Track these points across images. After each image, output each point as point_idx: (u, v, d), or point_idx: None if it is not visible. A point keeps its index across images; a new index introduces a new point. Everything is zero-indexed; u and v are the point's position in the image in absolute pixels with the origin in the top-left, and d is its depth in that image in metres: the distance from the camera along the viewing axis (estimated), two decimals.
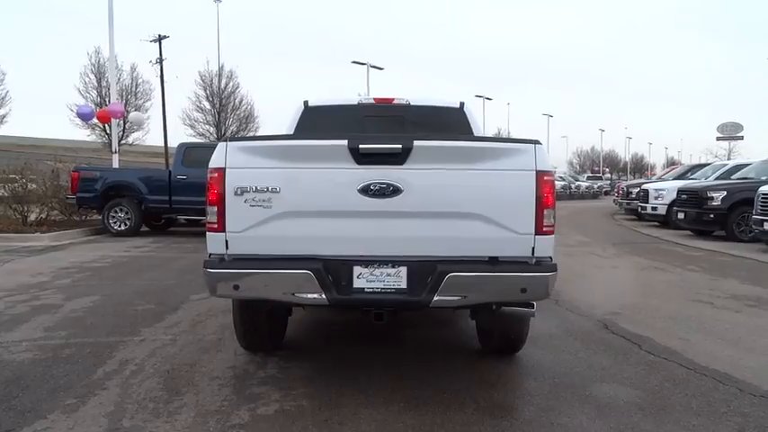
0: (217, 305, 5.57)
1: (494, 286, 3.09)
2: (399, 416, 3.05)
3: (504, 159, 3.10)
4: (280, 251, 3.10)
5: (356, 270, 3.10)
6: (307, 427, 2.89)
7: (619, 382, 3.62)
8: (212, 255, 3.17)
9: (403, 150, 3.01)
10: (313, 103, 4.93)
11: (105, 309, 5.42)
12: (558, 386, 3.54)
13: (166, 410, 3.08)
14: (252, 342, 3.98)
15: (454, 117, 4.93)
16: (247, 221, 3.07)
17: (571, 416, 3.09)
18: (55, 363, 3.84)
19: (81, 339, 4.39)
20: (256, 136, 4.26)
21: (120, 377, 3.59)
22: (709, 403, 3.27)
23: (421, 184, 3.04)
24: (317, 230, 3.09)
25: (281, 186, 3.04)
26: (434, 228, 3.10)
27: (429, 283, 3.05)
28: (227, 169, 3.07)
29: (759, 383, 3.58)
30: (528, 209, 3.08)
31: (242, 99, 36.71)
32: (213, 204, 3.11)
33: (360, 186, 3.03)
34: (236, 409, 3.12)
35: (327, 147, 3.09)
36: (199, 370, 3.74)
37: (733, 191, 11.89)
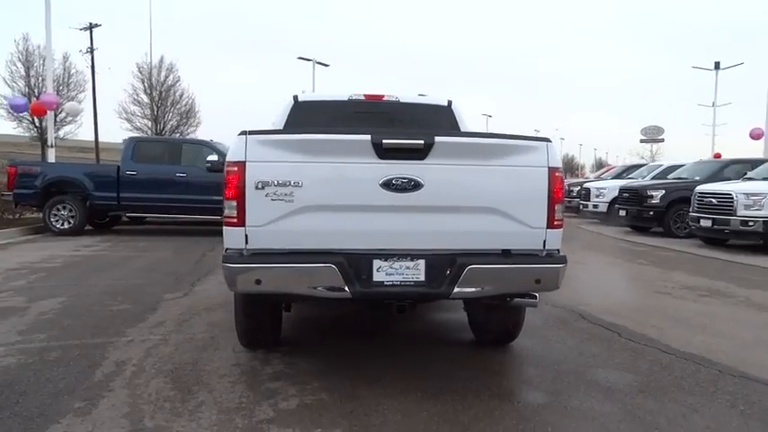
0: (197, 303, 5.47)
1: (510, 278, 3.22)
2: (420, 405, 3.12)
3: (519, 156, 3.22)
4: (301, 245, 3.10)
5: (376, 263, 3.15)
6: (335, 420, 2.91)
7: (612, 367, 3.83)
8: (230, 249, 3.13)
9: (425, 146, 3.08)
10: (303, 99, 4.92)
11: (77, 310, 5.19)
12: (559, 373, 3.71)
13: (186, 409, 3.02)
14: (254, 339, 3.94)
15: (443, 115, 5.04)
16: (269, 216, 3.06)
17: (581, 399, 3.25)
18: (45, 366, 3.67)
19: (64, 342, 4.20)
20: (277, 129, 4.15)
21: (123, 378, 3.48)
22: (698, 384, 3.53)
23: (440, 179, 3.12)
24: (339, 225, 3.11)
25: (304, 180, 3.05)
26: (452, 222, 3.19)
27: (448, 276, 3.13)
28: (247, 163, 3.04)
29: (734, 365, 3.87)
30: (541, 204, 3.22)
31: (182, 93, 35.62)
32: (232, 198, 3.07)
33: (382, 181, 3.08)
34: (256, 405, 3.09)
35: (350, 141, 3.11)
36: (203, 368, 3.67)
37: (670, 190, 12.66)
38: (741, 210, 10.28)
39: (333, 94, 5.05)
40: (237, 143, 3.10)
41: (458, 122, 5.00)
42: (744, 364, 3.90)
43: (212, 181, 11.55)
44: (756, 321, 5.26)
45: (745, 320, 5.27)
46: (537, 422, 2.92)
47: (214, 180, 11.50)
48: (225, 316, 5.01)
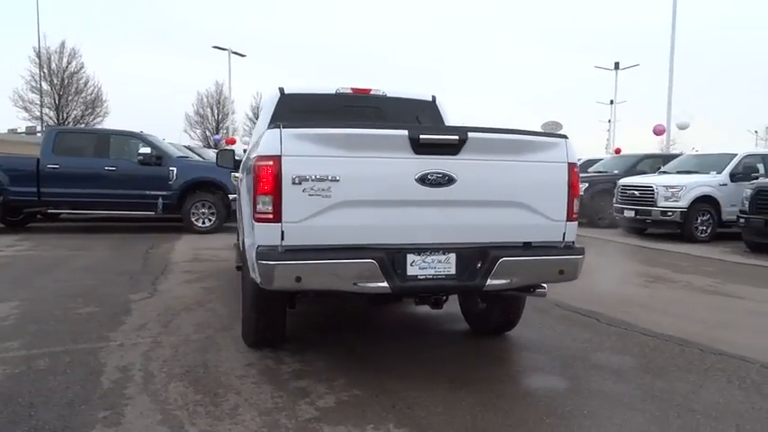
0: (171, 304, 5.24)
1: (538, 269, 3.35)
2: (454, 395, 3.18)
3: (542, 152, 3.36)
4: (338, 241, 3.07)
5: (409, 258, 3.17)
6: (381, 415, 2.92)
7: (609, 351, 4.08)
8: (262, 246, 3.04)
9: (459, 141, 3.14)
10: (289, 91, 4.81)
11: (39, 314, 4.80)
12: (564, 358, 3.90)
13: (223, 413, 2.91)
14: (263, 338, 3.84)
15: (428, 110, 5.11)
16: (305, 211, 3.00)
17: (598, 382, 3.45)
18: (39, 376, 3.39)
19: (46, 349, 3.88)
20: (312, 123, 3.98)
21: (135, 384, 3.28)
22: (690, 363, 3.84)
23: (472, 173, 3.19)
24: (375, 220, 3.11)
25: (341, 175, 3.01)
26: (481, 216, 3.27)
27: (481, 269, 3.22)
28: (283, 157, 2.96)
29: (708, 344, 4.24)
30: (561, 197, 3.37)
31: (87, 81, 33.31)
32: (267, 194, 2.98)
33: (418, 176, 3.10)
34: (293, 404, 3.03)
35: (388, 136, 3.11)
36: (216, 370, 3.54)
37: (593, 182, 13.48)
38: (661, 201, 11.16)
39: (319, 87, 4.97)
40: (271, 136, 3.01)
41: (442, 117, 5.08)
42: (716, 342, 4.28)
43: (145, 175, 11.05)
44: (706, 304, 5.76)
45: (696, 303, 5.76)
46: (572, 405, 3.08)
47: (147, 174, 11.03)
48: (209, 315, 4.85)
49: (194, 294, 5.67)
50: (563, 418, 2.91)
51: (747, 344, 4.25)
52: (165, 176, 11.13)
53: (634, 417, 2.95)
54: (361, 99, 4.94)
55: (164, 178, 11.12)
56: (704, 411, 3.03)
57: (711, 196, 11.19)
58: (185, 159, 12.16)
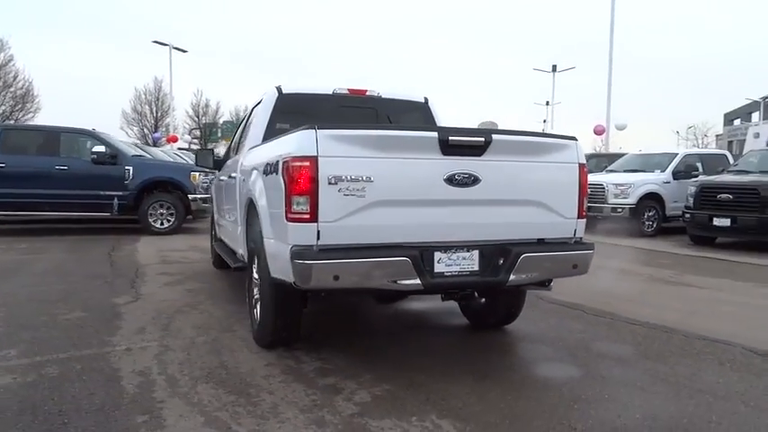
0: (161, 307, 5.14)
1: (555, 264, 3.53)
2: (482, 385, 3.32)
3: (556, 153, 3.54)
4: (371, 240, 3.14)
5: (436, 255, 3.28)
6: (420, 407, 3.00)
7: (605, 340, 4.33)
8: (297, 246, 3.07)
9: (484, 143, 3.27)
10: (287, 91, 4.81)
11: (23, 320, 4.60)
12: (567, 348, 4.11)
13: (264, 411, 2.92)
14: (279, 338, 3.85)
15: (421, 111, 5.21)
16: (340, 211, 3.05)
17: (608, 369, 3.67)
18: (55, 383, 3.28)
19: (49, 356, 3.75)
20: (347, 125, 3.91)
21: (161, 388, 3.23)
22: (682, 348, 4.13)
23: (494, 174, 3.33)
24: (406, 219, 3.20)
25: (374, 175, 3.08)
26: (502, 214, 3.42)
27: (504, 265, 3.36)
28: (319, 158, 3.00)
29: (690, 330, 4.55)
30: (573, 196, 3.57)
31: (17, 75, 31.47)
32: (303, 194, 3.02)
33: (446, 176, 3.21)
34: (330, 401, 3.07)
35: (418, 137, 3.20)
36: (237, 371, 3.52)
37: None
38: (611, 198, 11.75)
39: (316, 87, 4.99)
40: (305, 137, 3.04)
41: (434, 118, 5.21)
42: (695, 329, 4.60)
43: (99, 174, 10.65)
44: (673, 294, 6.15)
45: (665, 294, 6.15)
46: (592, 391, 3.27)
47: (101, 173, 10.63)
48: (205, 318, 4.80)
49: (181, 297, 5.56)
50: (589, 403, 3.10)
51: (721, 329, 4.60)
52: (120, 176, 10.77)
53: (651, 399, 3.17)
54: (358, 100, 5.00)
55: (119, 178, 10.76)
56: (710, 392, 3.29)
57: (657, 193, 11.88)
58: (141, 158, 11.79)
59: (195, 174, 11.36)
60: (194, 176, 11.31)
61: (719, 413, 3.00)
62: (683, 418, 2.92)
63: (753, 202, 9.45)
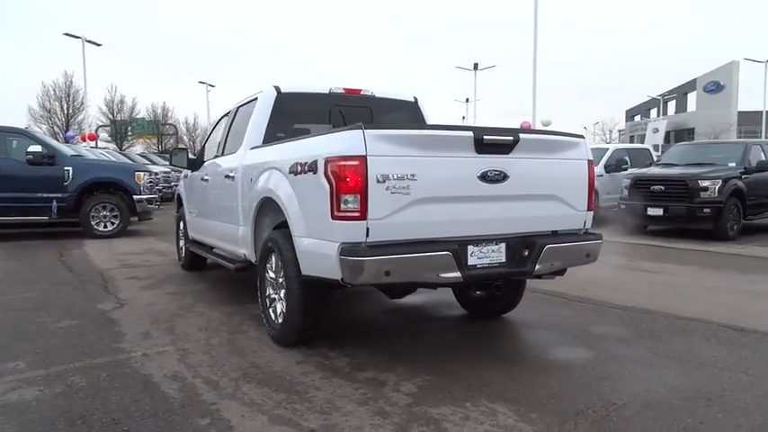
0: (153, 312, 5.04)
1: (573, 254, 3.79)
2: (509, 370, 3.52)
3: (570, 150, 3.80)
4: (414, 235, 3.26)
5: (470, 249, 3.45)
6: (466, 394, 3.16)
7: (598, 323, 4.66)
8: (346, 243, 3.14)
9: (513, 141, 3.47)
10: (285, 90, 4.80)
11: (12, 332, 4.36)
12: (569, 332, 4.40)
13: (322, 406, 2.98)
14: (306, 336, 3.89)
15: (412, 110, 5.37)
16: (388, 208, 3.15)
17: (614, 349, 3.97)
18: (89, 393, 3.17)
19: (63, 366, 3.60)
20: (392, 124, 3.92)
21: (206, 390, 3.20)
22: (668, 327, 4.53)
23: (521, 170, 3.54)
24: (444, 215, 3.34)
25: (417, 173, 3.21)
26: (525, 208, 3.64)
27: (529, 256, 3.58)
28: (368, 157, 3.09)
29: (668, 312, 4.97)
30: (584, 190, 3.85)
31: None
32: (353, 192, 3.09)
33: (479, 173, 3.39)
34: (381, 393, 3.16)
35: (456, 137, 3.35)
36: (272, 370, 3.53)
37: None
38: None
39: (311, 86, 5.01)
40: (353, 137, 3.12)
41: (423, 117, 5.38)
42: (669, 309, 5.03)
43: (36, 176, 10.04)
44: (636, 279, 6.65)
45: (629, 279, 6.63)
46: (612, 369, 3.55)
47: (38, 174, 10.01)
48: (205, 320, 4.74)
49: (167, 301, 5.42)
50: (614, 380, 3.37)
51: (690, 309, 5.07)
52: (59, 177, 10.20)
53: (664, 373, 3.49)
54: (353, 99, 5.07)
55: (58, 179, 10.19)
56: (711, 364, 3.66)
57: None
58: (81, 158, 11.20)
59: (140, 174, 10.95)
60: (139, 176, 10.89)
61: (727, 382, 3.35)
62: (700, 389, 3.25)
63: (682, 193, 10.31)
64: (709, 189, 10.09)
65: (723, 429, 2.75)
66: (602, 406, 3.00)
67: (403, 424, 2.79)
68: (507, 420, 2.83)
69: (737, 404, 3.04)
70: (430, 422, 2.81)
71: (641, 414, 2.91)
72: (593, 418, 2.85)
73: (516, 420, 2.83)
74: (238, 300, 5.37)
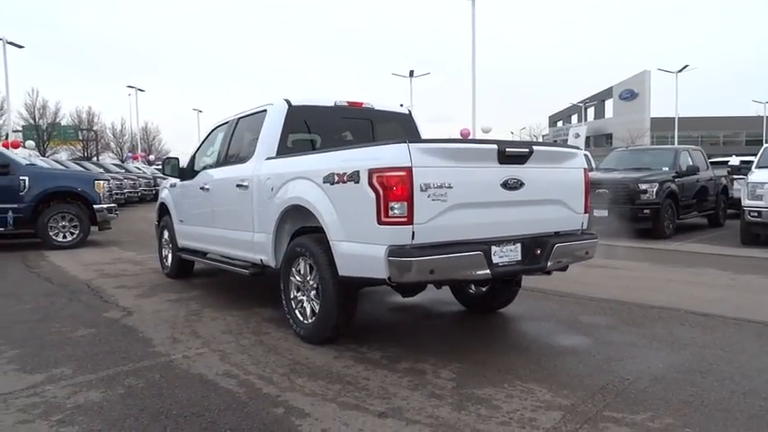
0: (167, 317, 5.16)
1: (576, 251, 4.28)
2: (527, 356, 3.97)
3: (571, 160, 4.31)
4: (450, 238, 3.64)
5: (493, 249, 3.87)
6: (502, 377, 3.56)
7: (585, 314, 5.20)
8: (393, 245, 3.48)
9: (528, 153, 3.92)
10: (296, 103, 5.07)
11: (33, 341, 4.40)
12: (563, 322, 4.91)
13: (380, 393, 3.29)
14: (338, 332, 4.18)
15: (406, 122, 5.75)
16: (429, 214, 3.52)
17: (608, 335, 4.50)
18: (154, 392, 3.35)
19: (110, 370, 3.74)
20: (429, 138, 4.16)
21: (264, 386, 3.44)
22: (644, 316, 5.13)
23: (534, 178, 4.00)
24: (474, 218, 3.74)
25: (452, 182, 3.60)
26: (537, 211, 4.10)
27: (542, 254, 4.04)
28: (413, 168, 3.45)
29: (640, 302, 5.60)
30: (582, 195, 4.37)
31: None
32: (400, 200, 3.44)
33: (501, 181, 3.82)
34: (426, 381, 3.51)
35: (484, 149, 3.76)
36: (316, 365, 3.80)
37: None
38: None
39: (318, 98, 5.30)
40: (398, 150, 3.47)
41: (417, 128, 5.78)
42: (639, 300, 5.68)
43: None
44: (599, 274, 7.29)
45: (594, 275, 7.23)
46: (614, 352, 4.07)
47: None
48: (223, 324, 4.95)
49: (172, 308, 5.54)
50: (619, 361, 3.88)
51: (657, 299, 5.73)
52: (14, 187, 9.90)
53: (658, 354, 4.04)
54: (356, 111, 5.40)
55: (13, 189, 9.89)
56: (693, 344, 4.25)
57: None
58: (37, 167, 10.86)
59: (100, 182, 10.76)
60: (99, 185, 10.70)
61: (711, 358, 3.94)
62: (692, 364, 3.81)
63: (624, 196, 11.21)
64: (648, 192, 11.04)
65: (722, 394, 3.29)
66: (618, 381, 3.49)
67: (457, 404, 3.16)
68: (545, 396, 3.26)
69: (726, 375, 3.61)
70: (481, 401, 3.20)
71: (653, 386, 3.41)
72: (616, 392, 3.33)
73: (553, 396, 3.27)
74: (242, 304, 5.57)
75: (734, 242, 10.43)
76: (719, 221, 13.43)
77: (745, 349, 4.14)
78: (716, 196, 13.27)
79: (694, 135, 57.12)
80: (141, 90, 40.51)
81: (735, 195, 13.63)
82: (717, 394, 3.29)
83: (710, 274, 7.35)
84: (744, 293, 6.12)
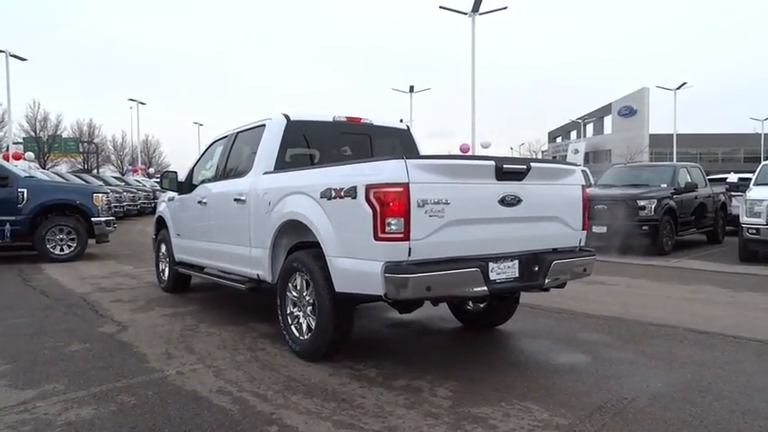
0: (162, 333, 5.12)
1: (574, 268, 4.26)
2: (527, 373, 3.93)
3: (568, 177, 4.30)
4: (447, 254, 3.62)
5: (491, 265, 3.85)
6: (496, 395, 3.52)
7: (583, 331, 5.17)
8: (390, 262, 3.46)
9: (526, 169, 3.92)
10: (294, 118, 5.07)
11: (26, 356, 4.36)
12: (560, 340, 4.88)
13: (375, 411, 3.26)
14: (335, 349, 4.14)
15: (405, 137, 5.76)
16: (426, 230, 3.51)
17: (606, 352, 4.47)
18: (147, 410, 3.31)
19: (103, 386, 3.69)
20: (427, 155, 4.17)
21: (258, 403, 3.41)
22: (644, 333, 5.09)
23: (531, 195, 3.99)
24: (472, 235, 3.73)
25: (450, 198, 3.59)
26: (534, 228, 4.08)
27: (540, 271, 4.02)
28: (410, 184, 3.44)
29: (638, 319, 5.58)
30: (580, 212, 4.35)
31: None
32: (397, 216, 3.43)
33: (499, 198, 3.81)
34: (422, 400, 3.47)
35: (481, 166, 3.75)
36: (311, 382, 3.77)
37: None
38: None
39: (317, 113, 5.31)
40: (396, 166, 3.46)
41: (415, 144, 5.79)
42: (636, 316, 5.65)
43: None
44: (599, 291, 7.27)
45: (592, 291, 7.22)
46: (613, 370, 4.03)
47: None
48: (218, 340, 4.91)
49: (167, 323, 5.51)
50: (618, 379, 3.84)
51: (655, 315, 5.70)
52: (12, 199, 9.89)
53: (657, 372, 4.00)
54: (355, 126, 5.41)
55: (11, 201, 9.88)
56: (692, 362, 4.22)
57: None
58: (36, 180, 10.86)
59: (99, 195, 10.75)
60: (98, 198, 10.68)
61: (710, 377, 3.90)
62: (691, 383, 3.77)
63: (622, 212, 11.21)
64: (647, 208, 11.04)
65: (721, 414, 3.25)
66: (616, 401, 3.45)
67: (454, 423, 3.12)
68: (543, 415, 3.22)
69: (725, 394, 3.57)
70: (477, 420, 3.16)
71: (651, 405, 3.38)
72: (614, 411, 3.29)
73: (550, 415, 3.23)
74: (238, 320, 5.53)
75: (732, 259, 10.41)
76: (718, 238, 13.42)
77: (745, 368, 4.10)
78: (714, 213, 13.27)
79: (693, 152, 57.38)
80: (143, 103, 40.73)
81: (733, 212, 13.63)
82: (716, 414, 3.26)
83: (709, 292, 7.32)
84: (743, 311, 6.09)
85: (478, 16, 23.35)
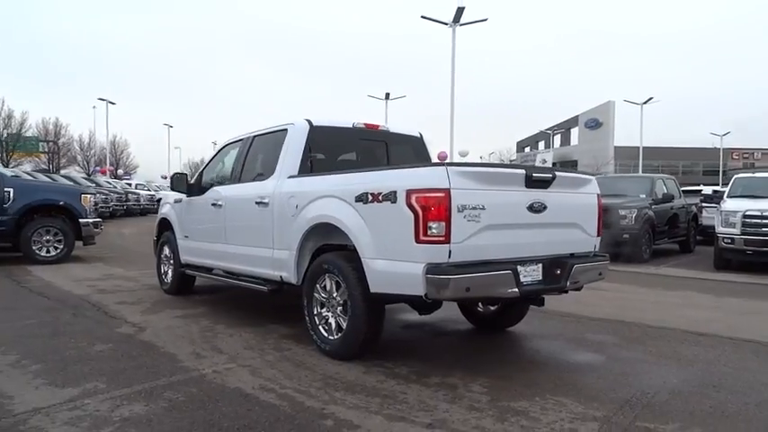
0: (181, 333, 5.17)
1: (591, 272, 4.50)
2: (549, 371, 4.14)
3: (586, 186, 4.56)
4: (482, 257, 3.81)
5: (519, 268, 4.05)
6: (531, 390, 3.72)
7: (590, 332, 5.43)
8: (431, 263, 3.63)
9: (551, 178, 4.15)
10: (317, 123, 5.20)
11: (53, 356, 4.37)
12: (571, 340, 5.12)
13: (420, 405, 3.41)
14: (367, 348, 4.28)
15: (418, 144, 5.95)
16: (465, 233, 3.70)
17: (617, 352, 4.72)
18: (197, 406, 3.39)
19: (145, 385, 3.75)
20: (465, 162, 4.31)
21: (305, 399, 3.52)
22: (646, 334, 5.38)
23: (554, 202, 4.21)
24: (504, 239, 3.93)
25: (485, 204, 3.78)
26: (556, 234, 4.31)
27: (561, 274, 4.25)
28: (452, 190, 3.63)
29: (637, 321, 5.87)
30: (596, 218, 4.61)
31: None
32: (438, 220, 3.61)
33: (528, 204, 4.03)
34: (460, 396, 3.64)
35: (514, 174, 3.97)
36: (347, 380, 3.89)
37: None
38: None
39: (337, 120, 5.45)
40: (437, 172, 3.65)
41: (427, 150, 5.98)
42: (637, 319, 5.95)
43: None
44: (595, 295, 7.46)
45: (589, 295, 7.41)
46: (628, 368, 4.27)
47: None
48: (240, 340, 4.99)
49: (183, 324, 5.55)
50: (636, 376, 4.09)
51: (653, 318, 6.00)
52: None
53: (669, 369, 4.26)
54: (373, 133, 5.57)
55: None
56: (698, 361, 4.50)
57: None
58: (22, 180, 10.66)
59: (87, 196, 10.63)
60: (86, 199, 10.56)
61: (719, 374, 4.18)
62: (703, 379, 4.04)
63: (605, 221, 11.59)
64: (627, 217, 11.47)
65: (737, 406, 3.52)
66: (640, 395, 3.69)
67: (498, 416, 3.31)
68: (578, 408, 3.43)
69: (736, 389, 3.85)
70: (519, 413, 3.35)
71: (673, 399, 3.63)
72: (642, 404, 3.52)
73: (585, 408, 3.44)
74: (254, 321, 5.61)
75: (707, 266, 10.91)
76: (690, 247, 14.00)
77: (748, 366, 4.40)
78: (687, 223, 13.84)
79: (655, 164, 59.08)
80: (112, 103, 39.92)
81: (704, 223, 14.25)
82: (733, 406, 3.52)
83: (694, 297, 7.71)
84: (731, 315, 6.46)
85: (458, 27, 23.82)
